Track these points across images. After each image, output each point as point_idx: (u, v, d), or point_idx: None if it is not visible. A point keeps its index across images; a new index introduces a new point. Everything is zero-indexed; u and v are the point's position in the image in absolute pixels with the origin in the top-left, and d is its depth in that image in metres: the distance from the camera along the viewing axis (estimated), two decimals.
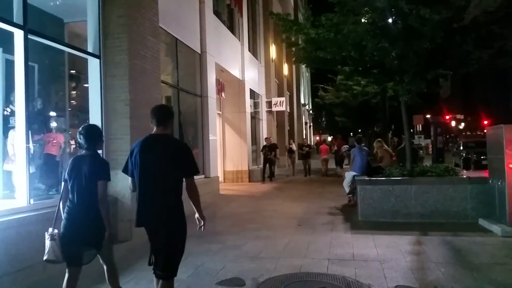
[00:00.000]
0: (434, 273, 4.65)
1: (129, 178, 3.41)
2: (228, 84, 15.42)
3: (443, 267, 4.86)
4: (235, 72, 15.29)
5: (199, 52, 11.39)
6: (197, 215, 3.39)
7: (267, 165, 16.24)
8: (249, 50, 17.63)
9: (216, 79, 13.21)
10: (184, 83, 10.66)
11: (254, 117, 18.93)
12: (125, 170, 3.45)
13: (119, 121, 6.69)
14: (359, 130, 30.53)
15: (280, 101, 22.09)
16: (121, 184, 6.34)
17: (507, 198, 6.33)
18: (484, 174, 7.69)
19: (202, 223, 3.41)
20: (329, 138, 53.47)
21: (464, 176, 7.93)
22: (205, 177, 11.18)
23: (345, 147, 16.83)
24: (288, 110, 27.43)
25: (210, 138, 11.58)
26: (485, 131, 8.27)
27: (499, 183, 6.58)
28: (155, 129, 3.39)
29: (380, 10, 7.17)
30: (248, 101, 16.80)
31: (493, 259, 5.15)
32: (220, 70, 13.76)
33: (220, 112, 15.43)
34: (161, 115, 3.41)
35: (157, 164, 3.24)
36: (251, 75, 17.70)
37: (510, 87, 70.93)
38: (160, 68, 8.04)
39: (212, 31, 12.10)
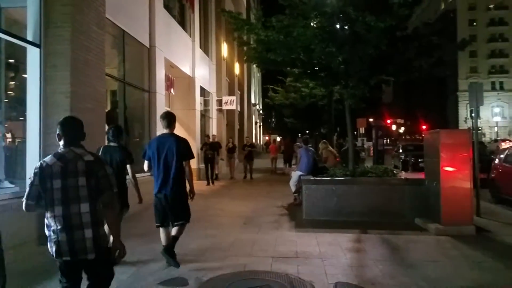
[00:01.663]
0: (372, 270, 4.86)
1: (146, 162, 5.15)
2: (178, 81, 15.14)
3: (381, 264, 5.08)
4: (186, 68, 15.06)
5: (148, 46, 11.08)
6: (188, 188, 5.14)
7: (209, 165, 14.53)
8: (200, 47, 17.42)
9: (166, 75, 12.92)
10: (131, 77, 10.32)
11: (204, 115, 18.75)
12: (143, 157, 5.20)
13: (59, 114, 6.32)
14: (307, 131, 31.25)
15: (231, 100, 22.05)
16: None
17: (441, 198, 6.74)
18: (421, 175, 8.13)
19: (192, 195, 5.24)
20: (278, 138, 54.24)
21: (402, 178, 8.35)
22: (151, 175, 10.90)
23: (297, 144, 17.16)
24: (239, 109, 27.47)
25: (157, 134, 11.30)
26: (423, 135, 8.77)
27: (434, 184, 6.99)
28: (165, 130, 5.15)
29: (329, 15, 7.38)
30: (198, 99, 16.60)
31: (427, 256, 5.46)
32: (170, 65, 13.48)
33: (169, 109, 15.10)
34: (169, 121, 5.17)
35: (169, 153, 4.98)
36: (202, 73, 17.52)
37: (447, 95, 76.02)
38: (105, 61, 7.73)
39: (162, 26, 11.82)
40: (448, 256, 5.42)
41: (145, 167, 5.20)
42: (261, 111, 52.20)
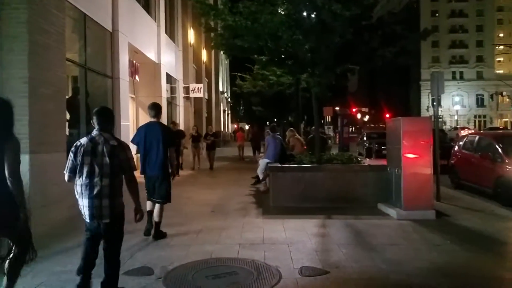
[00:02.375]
0: (337, 254, 4.98)
1: (135, 146, 5.66)
2: (143, 67, 14.77)
3: (345, 248, 5.22)
4: (151, 54, 14.69)
5: (111, 30, 10.70)
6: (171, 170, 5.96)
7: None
8: (166, 33, 17.04)
9: (130, 61, 12.57)
10: (93, 62, 9.96)
11: (171, 102, 18.44)
12: (133, 141, 5.91)
13: (16, 101, 5.98)
14: (275, 119, 31.38)
15: (198, 88, 21.80)
16: None
17: (402, 184, 6.96)
18: (384, 162, 8.36)
19: (173, 176, 6.09)
20: (247, 127, 54.26)
21: (366, 164, 8.55)
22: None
23: (267, 132, 17.18)
24: (207, 97, 27.21)
25: (121, 123, 11.01)
26: (386, 123, 9.01)
27: (396, 170, 7.21)
28: (153, 119, 5.87)
29: (295, 2, 7.37)
30: (165, 86, 16.28)
31: (388, 240, 5.65)
32: (134, 51, 13.11)
33: (134, 96, 14.75)
34: (156, 111, 5.91)
35: (156, 139, 5.67)
36: (168, 59, 17.17)
37: (410, 84, 78.26)
38: (65, 45, 7.41)
39: (125, 9, 11.44)
40: (409, 240, 5.63)
41: (133, 151, 5.21)
42: (229, 99, 51.90)
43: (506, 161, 8.55)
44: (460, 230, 6.20)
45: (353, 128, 70.55)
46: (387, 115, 55.66)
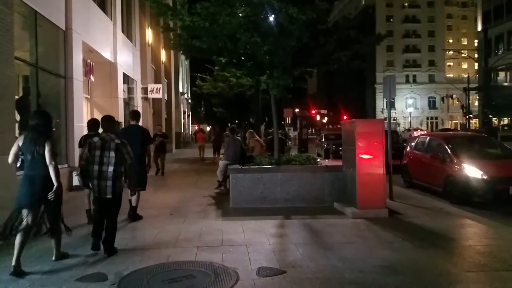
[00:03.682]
0: (294, 254, 5.06)
1: None
2: (98, 66, 14.32)
3: (302, 247, 5.31)
4: (106, 53, 14.27)
5: (63, 28, 10.29)
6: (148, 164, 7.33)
7: None
8: (122, 32, 16.60)
9: (84, 60, 12.15)
10: (45, 62, 9.54)
11: (128, 103, 17.99)
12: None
13: None
14: (237, 121, 31.39)
15: (157, 88, 21.41)
16: None
17: (357, 184, 7.17)
18: (340, 163, 8.56)
19: (149, 168, 7.49)
20: (208, 128, 53.93)
21: (322, 165, 8.73)
22: (68, 167, 10.26)
23: (226, 133, 17.15)
24: (166, 97, 26.77)
25: (75, 124, 10.62)
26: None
27: (351, 170, 7.42)
28: (133, 122, 7.54)
29: (253, 5, 7.42)
30: (121, 86, 15.85)
31: (344, 238, 5.80)
32: (89, 50, 12.68)
33: (89, 96, 14.27)
34: (135, 116, 7.60)
35: (136, 139, 6.73)
36: (125, 59, 16.74)
37: (366, 87, 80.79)
38: (14, 43, 7.06)
39: (79, 7, 11.04)
40: (363, 238, 5.80)
41: None
42: (189, 100, 51.33)
43: (455, 161, 9.02)
44: (411, 227, 6.46)
45: (313, 130, 71.96)
46: (345, 117, 57.21)
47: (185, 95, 44.65)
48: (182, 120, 39.97)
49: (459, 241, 5.78)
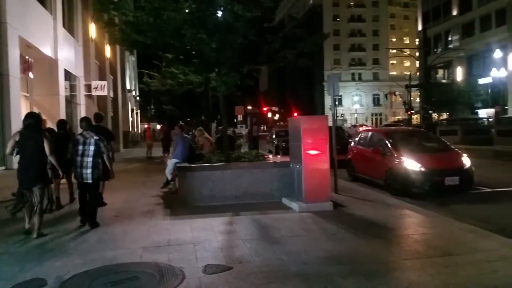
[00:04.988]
0: (241, 249, 5.10)
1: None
2: (38, 63, 13.58)
3: (249, 243, 5.36)
4: (46, 49, 13.56)
5: None
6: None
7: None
8: (64, 26, 15.85)
9: (21, 56, 11.48)
10: None
11: (71, 101, 17.23)
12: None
13: None
14: (188, 119, 30.99)
15: (102, 85, 20.67)
16: None
17: (303, 179, 7.35)
18: (288, 159, 8.71)
19: (113, 160, 7.89)
20: (158, 126, 52.83)
21: (271, 161, 8.86)
22: (6, 169, 9.66)
23: (173, 131, 16.80)
24: (112, 95, 25.88)
25: (12, 123, 10.00)
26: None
27: (298, 166, 7.59)
28: (97, 123, 7.89)
29: (199, 1, 7.36)
30: (63, 83, 15.15)
31: (290, 232, 5.92)
32: (26, 45, 12.00)
33: (28, 94, 13.49)
34: (99, 118, 8.28)
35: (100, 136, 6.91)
36: (66, 54, 16.00)
37: (315, 84, 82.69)
38: None
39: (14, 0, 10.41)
40: (308, 231, 5.97)
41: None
42: (138, 98, 49.91)
43: (395, 155, 9.48)
44: (354, 219, 6.73)
45: (265, 127, 72.60)
46: (295, 114, 58.20)
47: (133, 92, 43.36)
48: (130, 119, 38.78)
49: (398, 230, 6.09)
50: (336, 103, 9.65)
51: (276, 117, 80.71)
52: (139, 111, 55.05)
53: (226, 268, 4.42)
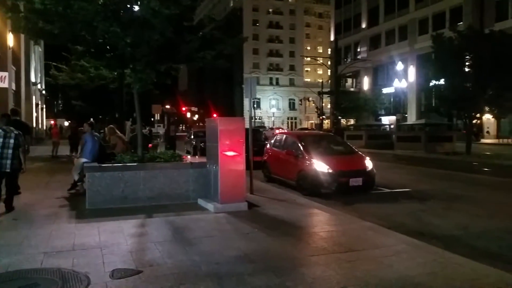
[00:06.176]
0: (152, 252, 4.97)
1: None
2: None
3: (161, 245, 5.25)
4: None
5: None
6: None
7: None
8: None
9: None
10: None
11: None
12: None
13: None
14: (100, 116, 29.28)
15: (2, 77, 18.73)
16: None
17: (219, 180, 7.38)
18: (205, 159, 8.69)
19: (28, 152, 8.72)
20: (66, 123, 49.28)
21: (187, 162, 8.77)
22: None
23: (81, 129, 15.76)
24: (14, 88, 23.56)
25: None
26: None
27: (214, 167, 7.61)
28: (14, 117, 8.55)
29: None
30: None
31: (204, 233, 5.92)
32: None
33: None
34: (16, 113, 9.80)
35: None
36: None
37: (235, 86, 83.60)
38: None
39: None
40: (222, 231, 6.02)
41: None
42: (44, 91, 46.03)
43: (306, 157, 9.96)
44: (267, 218, 6.93)
45: (184, 127, 71.40)
46: (214, 115, 58.23)
47: (39, 86, 39.92)
48: (35, 114, 35.61)
49: (306, 228, 6.41)
50: (255, 106, 9.89)
51: (195, 117, 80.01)
52: (44, 106, 50.79)
53: (135, 272, 4.28)
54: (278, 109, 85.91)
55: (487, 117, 32.27)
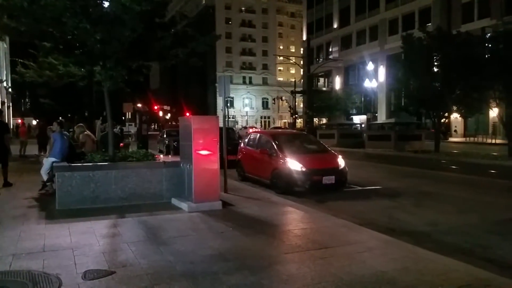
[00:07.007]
0: (125, 253, 4.90)
1: None
2: None
3: (135, 246, 5.17)
4: None
5: None
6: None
7: None
8: None
9: None
10: None
11: None
12: None
13: None
14: (69, 115, 28.54)
15: None
16: None
17: (193, 179, 7.33)
18: (179, 159, 8.61)
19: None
20: (34, 122, 47.69)
21: (160, 161, 8.66)
22: None
23: (50, 128, 15.27)
24: None
25: None
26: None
27: (188, 166, 7.55)
28: None
29: None
30: None
31: (178, 232, 5.87)
32: None
33: None
34: None
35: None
36: None
37: (208, 85, 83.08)
38: None
39: None
40: (197, 230, 5.99)
41: None
42: (10, 89, 44.33)
43: (280, 155, 10.03)
44: (241, 217, 6.95)
45: (156, 126, 70.35)
46: (188, 114, 57.69)
47: (4, 83, 38.42)
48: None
49: (281, 226, 6.46)
50: (228, 104, 9.89)
51: (168, 116, 79.01)
52: (11, 104, 48.94)
53: (108, 273, 4.20)
54: (251, 108, 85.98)
55: (455, 116, 33.33)
